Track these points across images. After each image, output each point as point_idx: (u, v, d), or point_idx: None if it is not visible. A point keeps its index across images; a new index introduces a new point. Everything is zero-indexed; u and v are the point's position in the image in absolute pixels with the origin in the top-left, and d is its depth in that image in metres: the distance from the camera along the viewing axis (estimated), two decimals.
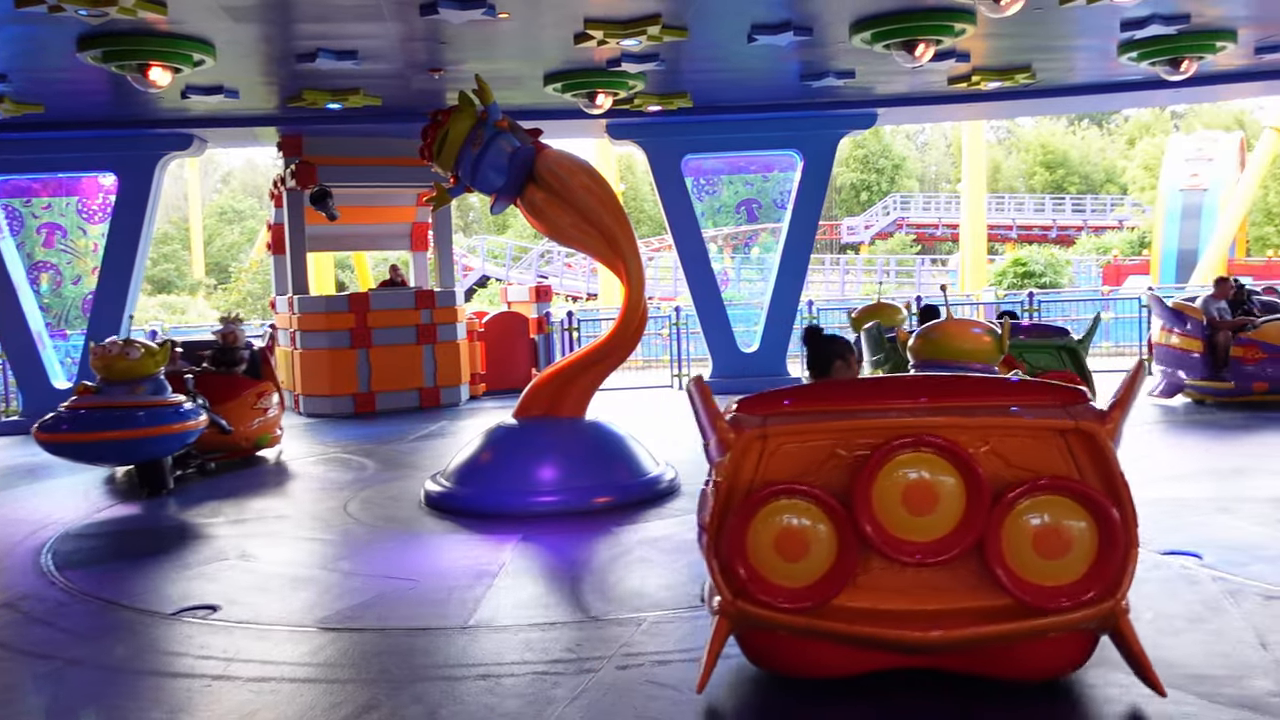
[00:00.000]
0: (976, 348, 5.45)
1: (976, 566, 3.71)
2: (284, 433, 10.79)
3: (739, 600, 3.79)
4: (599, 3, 8.88)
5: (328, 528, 7.34)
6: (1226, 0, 9.39)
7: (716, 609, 3.94)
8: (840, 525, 3.72)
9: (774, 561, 3.77)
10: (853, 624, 3.70)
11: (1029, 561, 3.67)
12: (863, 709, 3.92)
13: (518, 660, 4.58)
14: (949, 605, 3.71)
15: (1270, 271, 29.26)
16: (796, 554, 3.76)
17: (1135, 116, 55.45)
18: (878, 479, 3.69)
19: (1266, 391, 11.00)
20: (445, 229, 15.15)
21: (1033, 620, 3.63)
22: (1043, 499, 3.67)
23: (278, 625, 5.19)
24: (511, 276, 35.67)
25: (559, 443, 7.80)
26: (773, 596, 3.76)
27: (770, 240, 15.17)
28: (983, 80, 12.01)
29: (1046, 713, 3.83)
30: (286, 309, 14.07)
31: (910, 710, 3.89)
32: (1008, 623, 3.64)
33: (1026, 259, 32.27)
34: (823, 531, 3.75)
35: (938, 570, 3.73)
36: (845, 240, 46.59)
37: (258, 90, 11.61)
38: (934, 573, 3.74)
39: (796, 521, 3.76)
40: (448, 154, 7.87)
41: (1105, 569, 3.63)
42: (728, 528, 3.78)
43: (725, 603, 3.82)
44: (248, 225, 48.58)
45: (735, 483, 3.81)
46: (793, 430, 3.81)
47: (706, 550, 3.86)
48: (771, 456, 3.81)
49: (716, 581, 3.84)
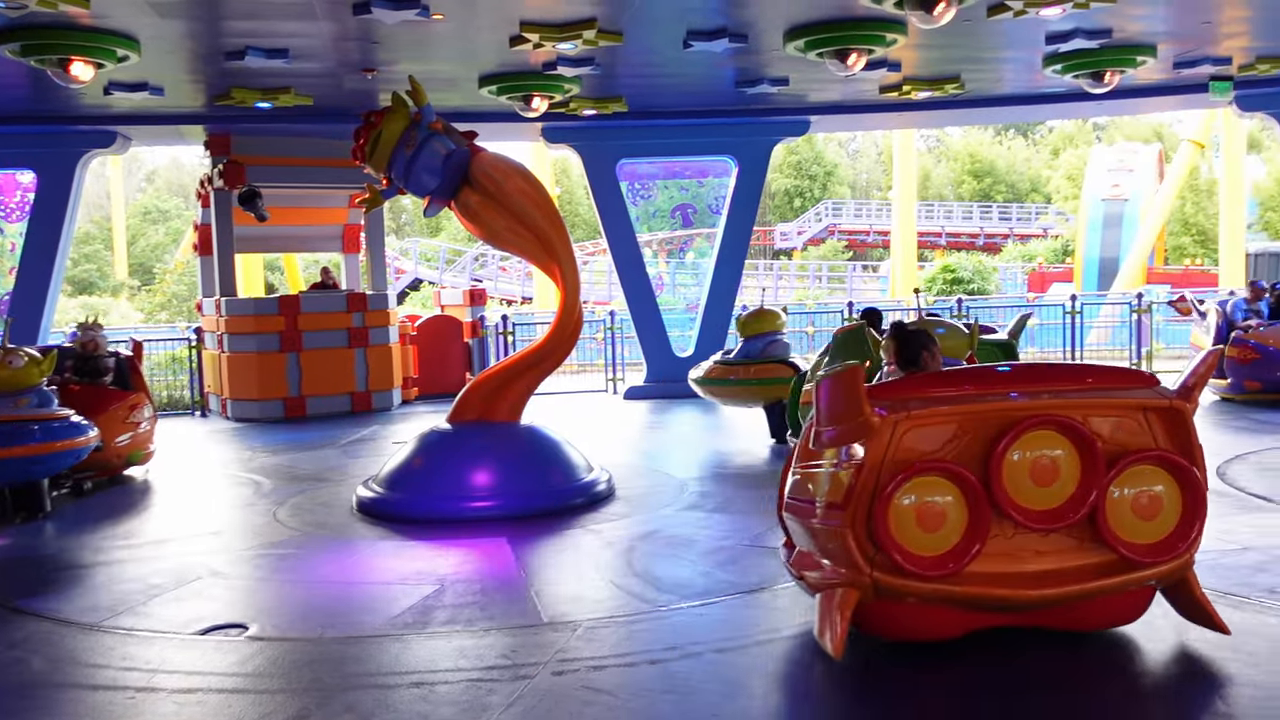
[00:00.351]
0: (950, 344, 6.05)
1: (1076, 529, 4.16)
2: (155, 450, 9.78)
3: (876, 572, 4.08)
4: (535, 6, 8.86)
5: (256, 535, 7.20)
6: (1147, 16, 9.67)
7: (825, 581, 4.29)
8: (972, 497, 4.07)
9: (914, 533, 4.08)
10: (982, 587, 4.09)
11: (1129, 523, 4.15)
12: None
13: (451, 667, 4.53)
14: (1054, 566, 4.14)
15: (1188, 280, 30.19)
16: (935, 525, 4.09)
17: (1059, 127, 56.83)
18: (1009, 455, 4.08)
19: (1259, 390, 11.57)
20: (378, 231, 14.99)
21: (1128, 574, 4.14)
22: (1141, 468, 4.16)
23: (204, 635, 5.07)
24: (445, 280, 35.40)
25: (494, 448, 7.75)
26: (916, 566, 4.06)
27: (705, 245, 15.25)
28: (913, 90, 12.23)
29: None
30: (214, 311, 13.79)
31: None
32: (1108, 578, 4.13)
33: (955, 266, 32.86)
34: (955, 504, 4.09)
35: (1044, 535, 4.15)
36: (779, 246, 46.99)
37: (184, 87, 11.37)
38: (1040, 537, 4.15)
39: (935, 496, 4.10)
40: (380, 155, 7.78)
41: (1188, 527, 4.16)
42: (872, 504, 4.07)
43: (860, 575, 4.10)
44: (173, 226, 47.47)
45: (879, 463, 4.08)
46: (929, 415, 4.14)
47: (840, 526, 4.12)
48: (903, 439, 4.12)
49: (852, 556, 4.10)
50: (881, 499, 4.03)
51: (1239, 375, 11.75)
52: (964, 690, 4.13)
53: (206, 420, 13.84)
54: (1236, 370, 11.75)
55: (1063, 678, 4.16)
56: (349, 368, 13.67)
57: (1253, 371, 11.63)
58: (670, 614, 5.16)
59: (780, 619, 5.00)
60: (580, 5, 8.81)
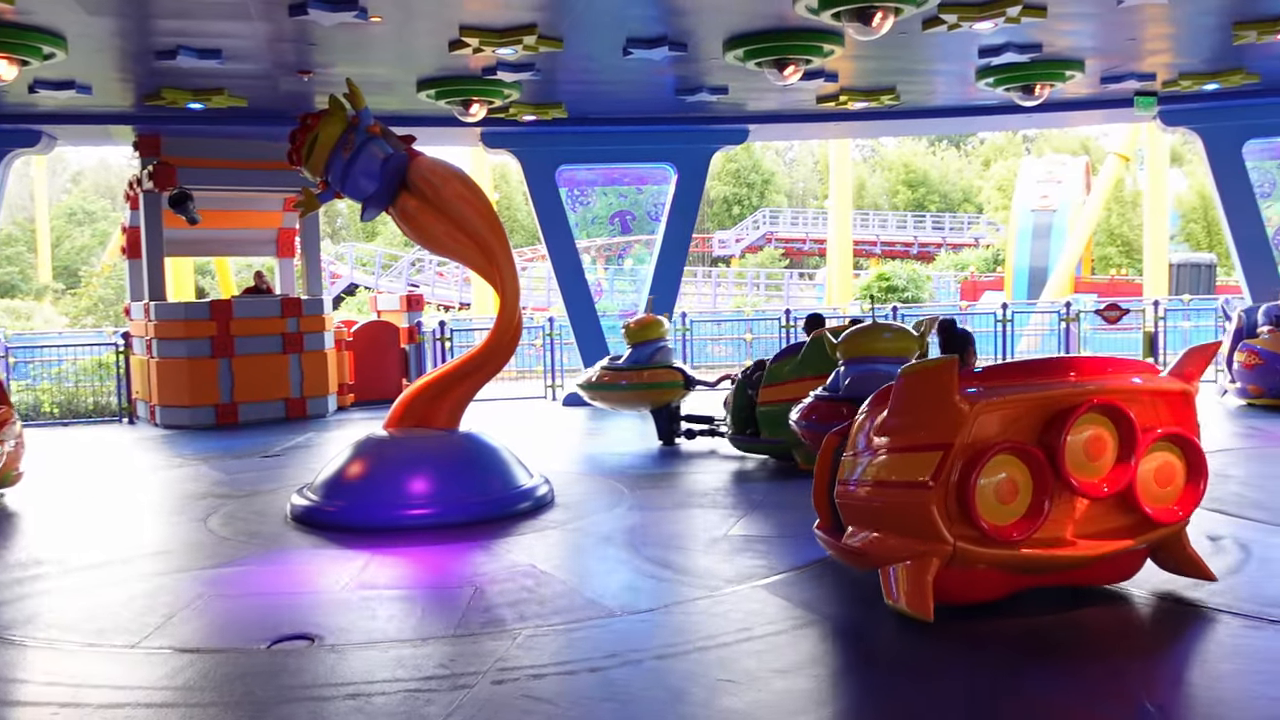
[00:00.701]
0: (900, 346, 6.81)
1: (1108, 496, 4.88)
2: (23, 474, 8.80)
3: (959, 542, 4.67)
4: (475, 10, 8.81)
5: (185, 544, 7.03)
6: (1075, 32, 9.91)
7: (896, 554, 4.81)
8: (1038, 472, 4.74)
9: (993, 505, 4.72)
10: (1045, 549, 4.78)
11: (1152, 489, 4.94)
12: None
13: (389, 678, 4.46)
14: (1096, 528, 4.91)
15: (1114, 289, 30.98)
16: (1009, 498, 4.76)
17: (990, 139, 58.04)
18: (1069, 434, 4.75)
19: (1261, 395, 11.84)
20: (313, 235, 14.79)
21: (1151, 533, 4.95)
22: (1161, 443, 4.94)
23: (132, 647, 4.94)
24: (381, 285, 35.04)
25: (432, 455, 7.67)
26: (998, 534, 4.69)
27: (644, 252, 15.29)
28: (849, 100, 12.40)
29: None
30: (142, 316, 13.48)
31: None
32: (1137, 536, 4.93)
33: (890, 274, 33.34)
34: (1024, 479, 4.75)
35: (1090, 502, 4.86)
36: (716, 253, 47.30)
37: (113, 86, 11.12)
38: (1084, 504, 4.86)
39: (1009, 472, 4.74)
40: (317, 159, 7.68)
41: (1193, 491, 5.00)
42: (959, 481, 4.66)
43: (944, 545, 4.67)
44: (99, 228, 46.37)
45: (966, 445, 4.66)
46: (1003, 401, 4.78)
47: (926, 502, 4.65)
48: (977, 423, 4.71)
49: (937, 527, 4.65)
50: (970, 476, 4.64)
51: (1245, 380, 12.04)
52: (926, 689, 4.18)
53: (134, 427, 13.51)
54: (1243, 375, 12.04)
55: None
56: (283, 374, 13.45)
57: (1256, 377, 11.89)
58: (611, 621, 5.14)
59: (720, 625, 5.02)
60: (520, 10, 8.79)
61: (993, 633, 4.79)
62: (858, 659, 4.77)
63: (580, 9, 8.72)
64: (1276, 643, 4.56)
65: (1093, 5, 8.90)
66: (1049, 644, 4.68)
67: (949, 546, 4.68)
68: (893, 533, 4.89)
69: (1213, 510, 6.42)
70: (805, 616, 5.13)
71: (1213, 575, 5.14)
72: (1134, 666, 4.35)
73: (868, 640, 4.91)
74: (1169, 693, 4.07)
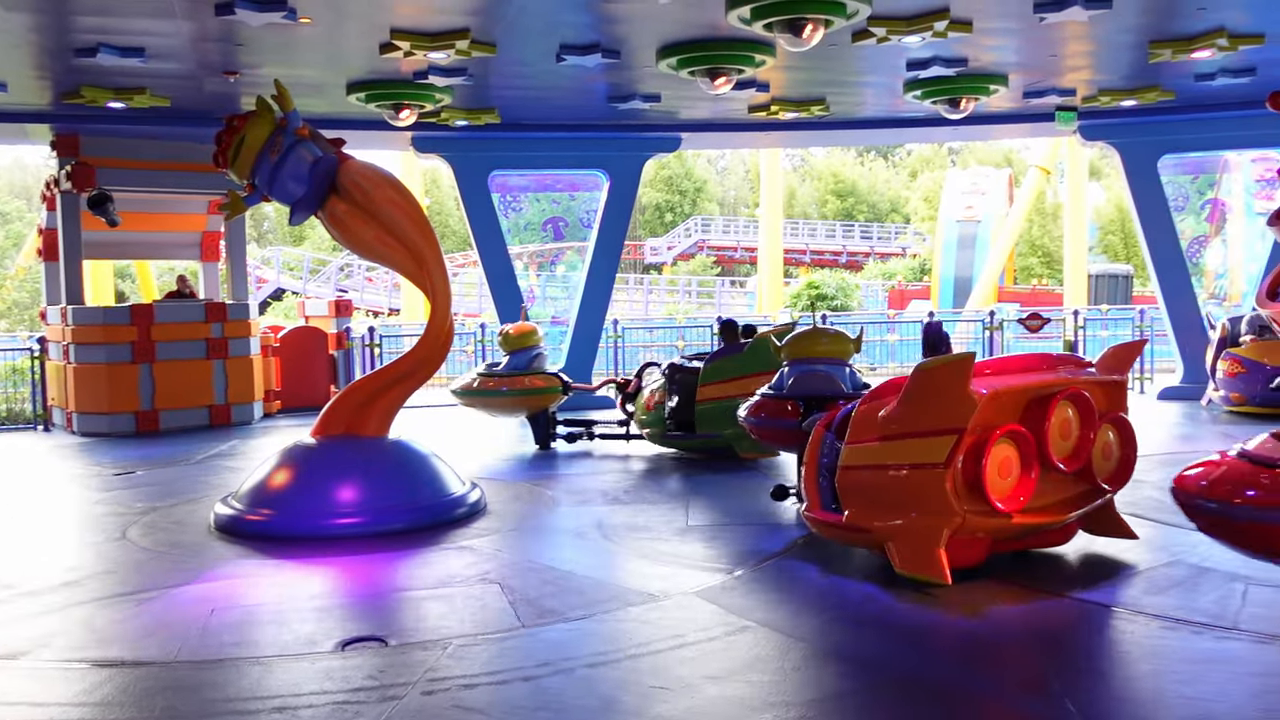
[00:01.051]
0: (838, 349, 7.48)
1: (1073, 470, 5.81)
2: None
3: (967, 514, 5.36)
4: (406, 13, 8.72)
5: (102, 556, 6.82)
6: (999, 47, 10.14)
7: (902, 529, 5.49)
8: (1026, 451, 5.54)
9: (996, 479, 5.44)
10: (1031, 517, 5.58)
11: (1100, 463, 5.99)
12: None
13: (316, 690, 4.38)
14: (1061, 497, 5.80)
15: (1035, 299, 31.73)
16: (1006, 474, 5.52)
17: (917, 151, 59.12)
18: (1052, 418, 5.62)
19: (1242, 403, 12.00)
20: (238, 239, 14.51)
21: (1098, 499, 5.96)
22: (1107, 424, 6.00)
23: (47, 662, 4.78)
24: (309, 290, 34.51)
25: (360, 462, 7.55)
26: (1004, 505, 5.43)
27: (576, 258, 15.27)
28: (780, 110, 12.53)
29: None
30: (59, 320, 13.09)
31: None
32: (1089, 502, 5.90)
33: (820, 282, 33.75)
34: (1015, 457, 5.55)
35: (1058, 476, 5.73)
36: (649, 260, 47.45)
37: (29, 84, 10.79)
38: (1053, 477, 5.70)
39: (1009, 451, 5.52)
40: (244, 161, 7.53)
41: (1127, 463, 6.14)
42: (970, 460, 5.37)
43: (954, 516, 5.35)
44: (14, 229, 44.97)
45: (974, 427, 5.33)
46: (1004, 391, 5.53)
47: (940, 480, 5.32)
48: (981, 409, 5.35)
49: (949, 501, 5.32)
50: (981, 456, 5.34)
51: (1228, 389, 12.21)
52: (859, 688, 4.22)
53: (50, 435, 13.11)
54: (1226, 384, 12.20)
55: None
56: (207, 380, 13.16)
57: (1237, 385, 12.06)
58: (542, 629, 5.11)
59: (652, 632, 5.02)
60: (453, 15, 8.72)
61: (928, 630, 4.87)
62: (792, 663, 4.80)
63: (513, 14, 8.68)
64: (1193, 644, 4.71)
65: (1016, 21, 9.11)
66: (973, 643, 4.80)
67: (960, 519, 5.34)
68: (904, 510, 5.52)
69: (1134, 515, 6.60)
70: (738, 622, 5.15)
71: (1134, 534, 6.17)
72: (1054, 666, 4.45)
73: (802, 644, 4.95)
74: (1088, 692, 4.17)
